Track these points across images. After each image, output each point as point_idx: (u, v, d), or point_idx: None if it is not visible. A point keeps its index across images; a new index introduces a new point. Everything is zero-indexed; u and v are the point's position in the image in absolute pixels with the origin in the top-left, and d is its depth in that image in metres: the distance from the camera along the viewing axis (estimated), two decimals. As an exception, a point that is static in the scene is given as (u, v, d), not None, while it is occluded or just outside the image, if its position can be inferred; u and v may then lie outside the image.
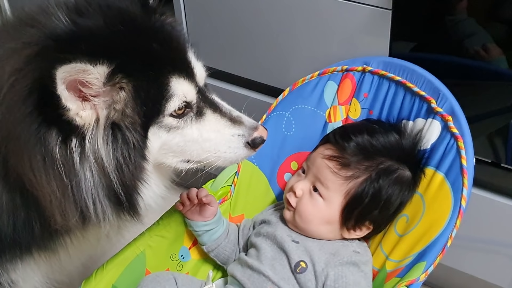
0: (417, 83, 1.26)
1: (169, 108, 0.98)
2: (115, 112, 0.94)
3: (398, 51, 1.33)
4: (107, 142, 0.93)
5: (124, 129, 0.95)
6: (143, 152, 0.98)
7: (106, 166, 0.93)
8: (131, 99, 0.94)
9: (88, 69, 0.88)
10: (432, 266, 1.09)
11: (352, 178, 1.18)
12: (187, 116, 1.01)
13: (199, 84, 1.04)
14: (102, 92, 0.92)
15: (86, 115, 0.92)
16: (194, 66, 1.03)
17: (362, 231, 1.21)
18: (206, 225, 1.27)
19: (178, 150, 1.03)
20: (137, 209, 1.02)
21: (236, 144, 1.04)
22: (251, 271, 1.18)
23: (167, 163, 1.04)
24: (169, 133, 1.00)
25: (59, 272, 1.20)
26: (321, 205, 1.20)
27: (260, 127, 1.06)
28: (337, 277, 1.12)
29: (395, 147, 1.20)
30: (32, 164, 0.90)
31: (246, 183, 1.39)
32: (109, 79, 0.91)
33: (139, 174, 0.99)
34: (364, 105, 1.33)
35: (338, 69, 1.35)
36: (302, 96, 1.38)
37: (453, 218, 1.12)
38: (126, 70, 0.92)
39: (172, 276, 1.24)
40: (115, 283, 1.23)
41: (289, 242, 1.20)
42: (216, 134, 1.03)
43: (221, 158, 1.04)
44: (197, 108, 1.02)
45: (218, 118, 1.04)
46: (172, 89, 0.97)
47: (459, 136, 1.17)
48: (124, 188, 0.97)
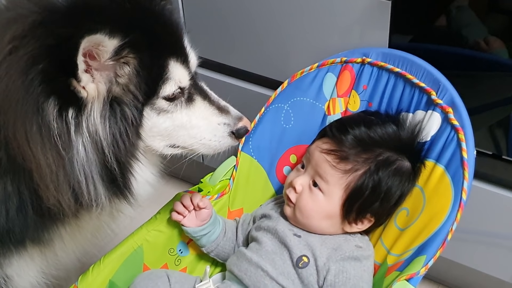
0: (417, 74, 1.24)
1: (164, 91, 0.99)
2: (118, 86, 0.94)
3: (398, 42, 1.31)
4: (105, 117, 0.94)
5: (124, 104, 0.95)
6: (138, 130, 0.99)
7: (102, 141, 0.94)
8: (135, 75, 0.95)
9: (105, 42, 0.88)
10: (432, 260, 1.08)
11: (351, 171, 1.16)
12: (177, 101, 1.02)
13: (192, 71, 1.05)
14: (104, 66, 0.92)
15: (91, 88, 0.92)
16: (189, 52, 1.04)
17: (364, 224, 1.20)
18: (203, 229, 1.26)
19: (165, 134, 1.03)
20: (131, 190, 1.02)
21: (221, 133, 1.06)
22: (248, 264, 1.17)
23: (154, 146, 1.05)
24: (159, 116, 1.01)
25: (54, 267, 1.19)
26: (321, 199, 1.19)
27: (245, 118, 1.08)
28: (338, 271, 1.12)
29: (393, 138, 1.19)
30: (28, 135, 0.89)
31: (244, 177, 1.38)
32: (116, 54, 0.91)
33: (134, 152, 0.99)
34: (363, 97, 1.32)
35: (337, 60, 1.34)
36: (300, 89, 1.36)
37: (454, 211, 1.11)
38: (134, 46, 0.93)
39: (165, 273, 1.23)
40: (112, 278, 1.22)
41: (291, 236, 1.19)
42: (204, 122, 1.05)
43: (205, 145, 1.06)
44: (188, 94, 1.04)
45: (207, 105, 1.06)
46: (169, 72, 0.98)
47: (459, 128, 1.16)
48: (118, 165, 0.97)
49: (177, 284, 1.21)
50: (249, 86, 1.60)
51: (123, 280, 1.24)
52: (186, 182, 2.04)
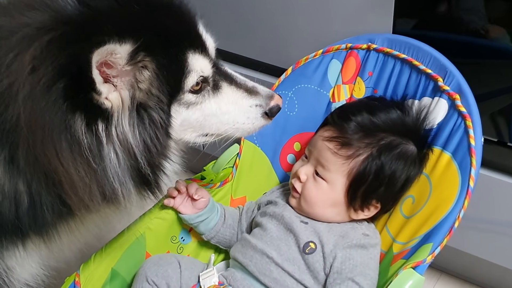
0: (423, 60, 1.23)
1: (188, 84, 0.97)
2: (140, 92, 0.93)
3: (402, 28, 1.30)
4: (133, 124, 0.93)
5: (150, 109, 0.94)
6: (168, 130, 0.98)
7: (133, 148, 0.93)
8: (156, 77, 0.93)
9: (116, 49, 0.87)
10: (439, 248, 1.07)
11: (353, 157, 1.15)
12: (204, 91, 1.01)
13: (212, 57, 1.03)
14: (124, 72, 0.91)
15: (114, 97, 0.91)
16: (205, 39, 1.02)
17: (370, 211, 1.19)
18: (200, 216, 1.25)
19: (197, 125, 1.03)
20: (160, 186, 1.02)
21: (254, 115, 1.05)
22: (253, 251, 1.17)
23: (186, 138, 1.05)
24: (188, 109, 1.00)
25: (56, 259, 1.18)
26: (325, 188, 1.18)
27: (276, 95, 1.07)
28: (345, 259, 1.11)
29: (397, 123, 1.17)
30: (58, 152, 0.89)
31: (248, 165, 1.36)
32: (132, 58, 0.90)
33: (165, 153, 0.99)
34: (368, 84, 1.31)
35: (342, 47, 1.32)
36: (305, 75, 1.35)
37: (461, 199, 1.10)
38: (148, 48, 0.91)
39: (176, 258, 1.22)
40: (114, 267, 1.22)
41: (298, 222, 1.18)
42: (234, 106, 1.04)
43: (239, 129, 1.05)
44: (213, 82, 1.02)
45: (235, 90, 1.04)
46: (190, 65, 0.97)
47: (467, 115, 1.14)
48: (151, 168, 0.97)
49: (187, 270, 1.20)
50: (253, 73, 1.58)
51: (126, 269, 1.23)
52: (188, 170, 2.02)
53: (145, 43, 0.90)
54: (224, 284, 1.15)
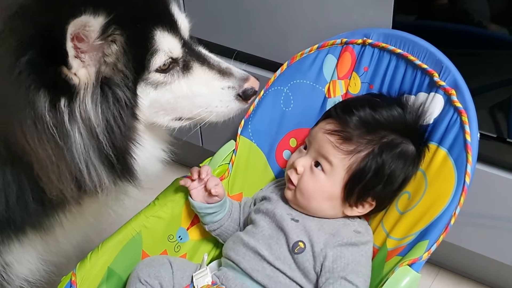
0: (419, 55, 1.22)
1: (154, 64, 0.94)
2: (106, 66, 0.90)
3: (402, 22, 1.28)
4: (96, 102, 0.90)
5: (114, 85, 0.91)
6: (134, 111, 0.95)
7: (95, 127, 0.90)
8: (123, 52, 0.91)
9: (91, 22, 0.84)
10: (435, 245, 1.06)
11: (354, 152, 1.15)
12: (173, 71, 0.98)
13: (184, 37, 1.00)
14: (93, 46, 0.88)
15: (82, 74, 0.88)
16: (178, 18, 0.99)
17: (365, 208, 1.19)
18: (210, 208, 1.25)
19: (169, 107, 1.00)
20: (133, 172, 0.99)
21: (227, 98, 1.01)
22: (245, 248, 1.17)
23: (159, 122, 1.01)
24: (157, 89, 0.97)
25: (55, 253, 1.17)
26: (323, 180, 1.17)
27: (251, 77, 1.03)
28: (336, 257, 1.11)
29: (398, 121, 1.17)
30: (24, 130, 0.87)
31: (244, 161, 1.36)
32: (103, 32, 0.87)
33: (131, 135, 0.96)
34: (364, 79, 1.29)
35: (338, 42, 1.31)
36: (300, 71, 1.34)
37: (457, 195, 1.09)
38: (119, 22, 0.89)
39: (168, 260, 1.22)
40: (110, 265, 1.21)
41: (288, 220, 1.17)
42: (206, 88, 1.00)
43: (213, 112, 1.01)
44: (184, 62, 0.99)
45: (207, 71, 1.01)
46: (157, 43, 0.94)
47: (462, 111, 1.13)
48: (115, 150, 0.94)
49: (179, 271, 1.20)
50: (248, 68, 1.54)
51: (122, 267, 1.23)
52: (185, 166, 2.02)
53: (118, 16, 0.88)
54: (217, 284, 1.15)
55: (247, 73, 1.03)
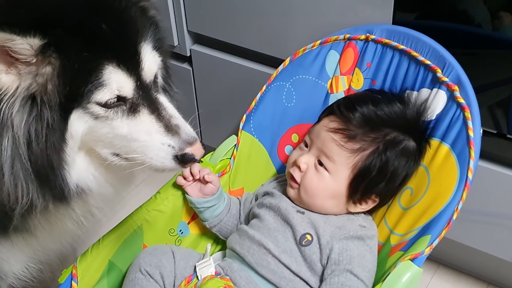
0: (422, 51, 1.22)
1: (95, 97, 0.91)
2: (36, 84, 0.89)
3: (402, 18, 1.29)
4: (22, 112, 0.88)
5: (40, 104, 0.89)
6: (62, 133, 0.92)
7: (18, 136, 0.89)
8: (55, 76, 0.88)
9: (15, 39, 0.84)
10: (437, 240, 1.07)
11: (359, 151, 1.15)
12: (118, 108, 0.94)
13: (144, 80, 0.96)
14: (33, 62, 0.88)
15: (6, 79, 0.88)
16: (143, 59, 0.95)
17: (368, 205, 1.19)
18: (208, 202, 1.25)
19: (107, 141, 0.97)
20: (64, 193, 0.96)
21: (164, 154, 0.96)
22: (250, 242, 1.17)
23: (98, 151, 0.99)
24: (97, 120, 0.94)
25: (42, 253, 1.17)
26: (327, 179, 1.17)
27: (197, 144, 0.98)
28: (342, 250, 1.11)
29: (400, 117, 1.17)
30: None
31: (245, 156, 1.36)
32: (42, 51, 0.86)
33: (53, 155, 0.92)
34: (367, 75, 1.30)
35: (340, 37, 1.31)
36: (303, 66, 1.34)
37: (459, 191, 1.09)
38: (59, 46, 0.87)
39: (170, 249, 1.22)
40: (111, 259, 1.21)
41: (294, 213, 1.17)
42: (146, 137, 0.96)
43: (147, 162, 0.97)
44: (132, 104, 0.95)
45: (153, 121, 0.96)
46: (104, 77, 0.91)
47: (465, 106, 1.14)
48: (35, 166, 0.91)
49: (182, 261, 1.20)
50: (250, 64, 1.57)
51: (123, 261, 1.23)
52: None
53: (56, 39, 0.86)
54: (221, 274, 1.15)
55: (197, 136, 0.99)
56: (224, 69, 1.62)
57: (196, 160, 0.99)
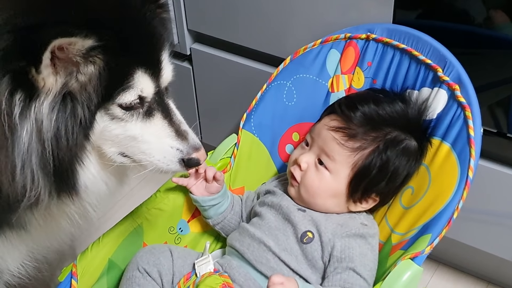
0: (423, 51, 1.22)
1: (122, 99, 0.95)
2: (76, 82, 0.91)
3: (403, 17, 1.29)
4: (53, 108, 0.90)
5: (77, 102, 0.92)
6: (87, 131, 0.95)
7: (45, 132, 0.90)
8: (97, 77, 0.91)
9: (78, 43, 0.86)
10: (438, 239, 1.07)
11: (359, 149, 1.15)
12: (135, 112, 0.98)
13: (161, 86, 1.01)
14: (71, 60, 0.89)
15: (50, 81, 0.89)
16: (164, 67, 1.01)
17: (368, 204, 1.19)
18: (213, 200, 1.25)
19: (116, 140, 1.00)
20: (73, 188, 0.99)
21: (171, 157, 1.02)
22: (250, 239, 1.17)
23: (104, 150, 1.01)
24: (112, 121, 0.97)
25: (38, 251, 1.17)
26: (328, 178, 1.17)
27: (202, 150, 1.04)
28: (344, 247, 1.11)
29: (401, 117, 1.17)
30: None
31: (246, 155, 1.36)
32: (87, 52, 0.89)
33: (77, 152, 0.96)
34: (367, 74, 1.30)
35: (341, 36, 1.31)
36: (303, 65, 1.34)
37: (460, 190, 1.09)
38: (106, 48, 0.90)
39: (168, 248, 1.22)
40: (111, 257, 1.21)
41: (296, 211, 1.18)
42: (156, 140, 1.01)
43: (153, 164, 1.02)
44: (148, 107, 1.00)
45: (165, 125, 1.02)
46: (134, 81, 0.95)
47: (466, 106, 1.14)
48: (58, 161, 0.93)
49: (180, 259, 1.20)
50: (251, 63, 1.57)
51: (123, 259, 1.23)
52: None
53: (107, 43, 0.89)
54: (220, 271, 1.15)
55: (201, 143, 1.05)
56: (224, 68, 1.62)
57: (200, 164, 1.04)
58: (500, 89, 1.28)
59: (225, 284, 1.09)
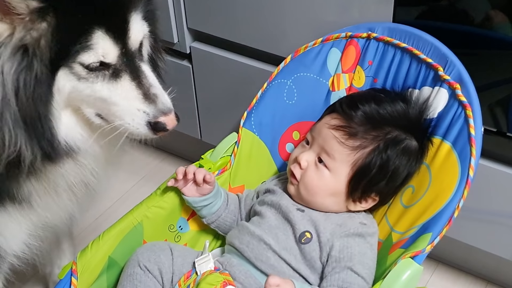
0: (424, 49, 1.22)
1: (81, 58, 0.95)
2: (30, 37, 0.92)
3: (403, 16, 1.29)
4: (12, 59, 0.92)
5: (32, 56, 0.93)
6: (49, 87, 0.96)
7: (7, 82, 0.92)
8: (49, 33, 0.92)
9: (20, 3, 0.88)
10: (438, 238, 1.07)
11: (359, 148, 1.15)
12: (99, 73, 0.98)
13: (130, 47, 1.00)
14: (28, 16, 0.91)
15: (6, 33, 0.90)
16: (132, 27, 0.99)
17: (368, 203, 1.19)
18: (204, 200, 1.25)
19: (89, 101, 1.01)
20: (53, 144, 0.99)
21: (138, 120, 1.01)
22: (250, 237, 1.17)
23: (83, 110, 1.02)
24: (79, 81, 0.98)
25: (40, 227, 1.16)
26: (327, 176, 1.17)
27: (171, 115, 1.01)
28: (342, 247, 1.11)
29: (402, 116, 1.17)
30: None
31: (246, 153, 1.36)
32: (39, 11, 0.90)
33: (41, 106, 0.96)
34: (368, 73, 1.30)
35: (342, 35, 1.31)
36: (304, 64, 1.34)
37: (460, 189, 1.09)
38: (57, 5, 0.91)
39: (168, 246, 1.22)
40: (111, 255, 1.21)
41: (294, 211, 1.18)
42: (124, 102, 1.00)
43: (124, 127, 1.01)
44: (115, 69, 0.99)
45: (133, 87, 1.00)
46: (93, 41, 0.95)
47: (467, 105, 1.14)
48: (24, 116, 0.94)
49: (180, 258, 1.20)
50: (251, 61, 1.57)
51: (122, 257, 1.22)
52: (184, 159, 2.02)
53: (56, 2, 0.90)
54: (220, 269, 1.15)
55: (172, 108, 1.02)
56: (224, 67, 1.62)
57: (167, 130, 1.02)
58: (500, 89, 1.28)
59: (226, 282, 1.09)
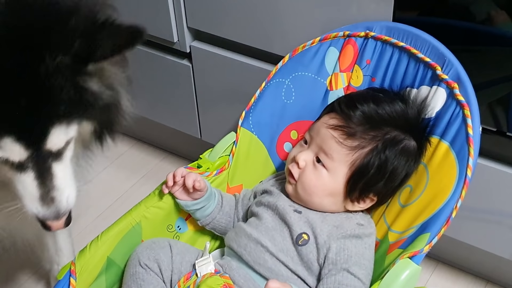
0: (422, 49, 1.22)
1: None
2: None
3: (402, 15, 1.28)
4: None
5: None
6: None
7: None
8: None
9: None
10: (437, 238, 1.07)
11: (357, 148, 1.15)
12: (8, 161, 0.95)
13: (45, 151, 0.96)
14: None
15: None
16: (50, 138, 0.93)
17: (366, 203, 1.19)
18: (197, 204, 1.25)
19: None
20: None
21: (30, 212, 1.01)
22: (247, 240, 1.17)
23: None
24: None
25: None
26: (325, 176, 1.17)
27: (59, 221, 1.02)
28: (339, 249, 1.11)
29: (401, 116, 1.17)
30: None
31: (244, 153, 1.35)
32: None
33: None
34: (366, 72, 1.29)
35: (340, 34, 1.31)
36: (302, 63, 1.33)
37: (458, 188, 1.09)
38: None
39: (168, 242, 1.22)
40: (110, 255, 1.21)
41: (291, 213, 1.17)
42: (23, 192, 0.99)
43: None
44: (20, 164, 0.96)
45: (34, 186, 0.98)
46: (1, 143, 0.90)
47: (465, 104, 1.13)
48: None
49: (178, 255, 1.20)
50: (250, 60, 1.57)
51: (121, 257, 1.23)
52: (184, 158, 2.02)
53: None
54: (220, 272, 1.15)
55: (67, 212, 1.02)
56: (224, 66, 1.62)
57: (50, 231, 1.04)
58: (499, 87, 1.28)
59: (226, 285, 1.09)
